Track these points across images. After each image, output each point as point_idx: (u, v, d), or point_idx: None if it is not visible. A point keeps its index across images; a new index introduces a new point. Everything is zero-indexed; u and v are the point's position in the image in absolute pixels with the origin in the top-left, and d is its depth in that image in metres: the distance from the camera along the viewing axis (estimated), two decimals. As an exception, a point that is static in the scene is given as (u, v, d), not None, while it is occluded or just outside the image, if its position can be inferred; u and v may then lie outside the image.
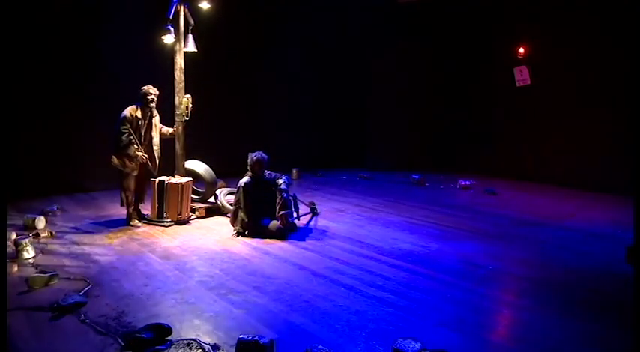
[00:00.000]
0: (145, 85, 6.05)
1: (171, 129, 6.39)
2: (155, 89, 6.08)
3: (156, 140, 6.16)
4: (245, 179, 5.95)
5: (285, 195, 5.87)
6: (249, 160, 5.97)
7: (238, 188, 5.94)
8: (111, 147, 5.98)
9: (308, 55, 10.46)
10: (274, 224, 5.78)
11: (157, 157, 6.18)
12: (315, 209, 6.97)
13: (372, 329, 3.50)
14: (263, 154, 5.96)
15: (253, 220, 5.81)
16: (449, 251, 5.32)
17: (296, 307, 3.85)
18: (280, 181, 5.95)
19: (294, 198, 6.29)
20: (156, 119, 6.19)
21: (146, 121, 6.07)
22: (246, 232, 5.80)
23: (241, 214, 5.83)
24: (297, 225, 6.19)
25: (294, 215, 6.20)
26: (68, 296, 3.80)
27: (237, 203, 5.91)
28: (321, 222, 6.53)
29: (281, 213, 5.80)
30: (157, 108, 6.15)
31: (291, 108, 10.37)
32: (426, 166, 10.46)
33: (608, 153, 8.43)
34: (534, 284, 4.47)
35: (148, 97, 5.99)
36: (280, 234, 5.73)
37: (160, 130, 6.27)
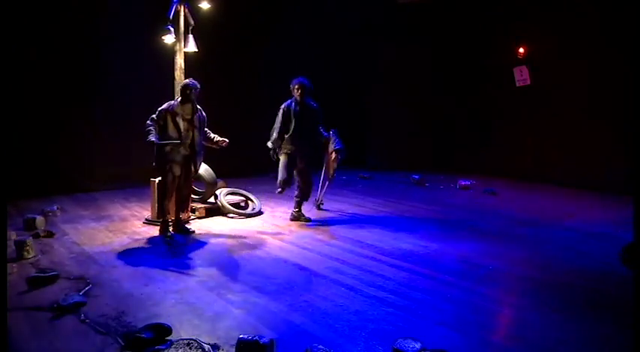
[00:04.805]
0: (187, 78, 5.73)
1: (218, 139, 5.99)
2: (195, 81, 5.66)
3: (198, 140, 5.69)
4: (287, 103, 6.34)
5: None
6: (291, 87, 6.31)
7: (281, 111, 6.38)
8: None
9: (308, 55, 10.44)
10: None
11: (199, 158, 5.78)
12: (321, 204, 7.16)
13: (372, 329, 3.50)
14: (303, 79, 6.28)
15: (299, 143, 6.28)
16: (449, 251, 5.32)
17: (296, 307, 3.84)
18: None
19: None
20: (198, 116, 5.71)
21: (187, 118, 5.59)
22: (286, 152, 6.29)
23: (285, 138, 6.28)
24: (301, 223, 6.27)
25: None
26: (68, 296, 3.80)
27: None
28: (321, 221, 6.53)
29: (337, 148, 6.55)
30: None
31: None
32: (426, 166, 10.46)
33: (608, 153, 8.43)
34: (534, 284, 4.47)
35: (187, 91, 5.58)
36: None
37: (206, 134, 5.91)
